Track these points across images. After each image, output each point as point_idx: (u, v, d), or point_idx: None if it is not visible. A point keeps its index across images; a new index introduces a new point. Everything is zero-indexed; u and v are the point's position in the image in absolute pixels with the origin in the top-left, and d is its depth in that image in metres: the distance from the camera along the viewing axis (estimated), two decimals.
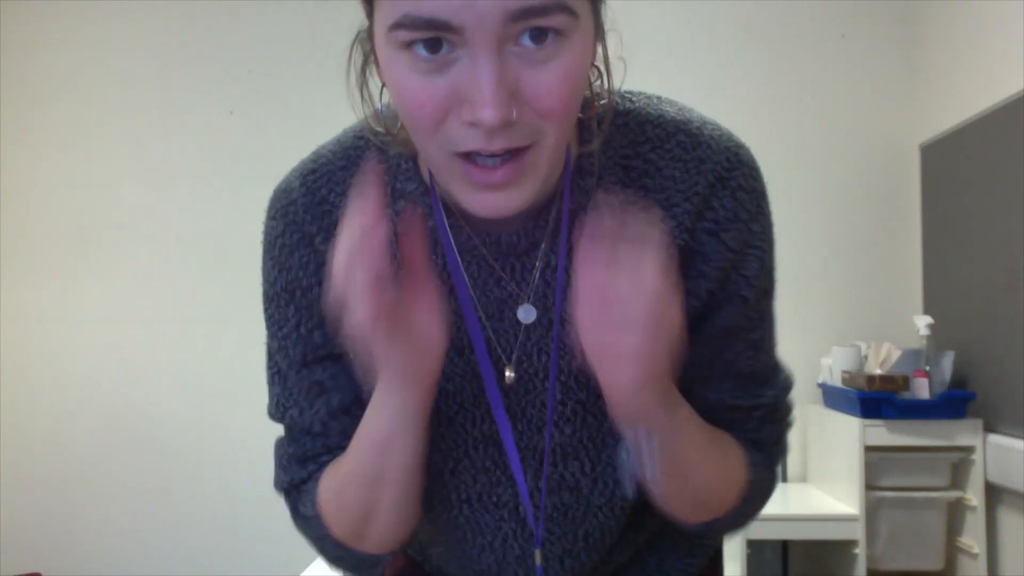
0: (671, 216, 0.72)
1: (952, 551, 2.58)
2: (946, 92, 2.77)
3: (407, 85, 0.60)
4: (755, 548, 2.56)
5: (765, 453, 0.80)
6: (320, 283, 0.75)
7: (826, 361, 2.79)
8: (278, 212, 0.77)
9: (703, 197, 0.72)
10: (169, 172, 3.10)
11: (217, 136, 3.08)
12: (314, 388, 0.77)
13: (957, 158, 2.68)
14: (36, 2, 3.14)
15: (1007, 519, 2.42)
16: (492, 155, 0.60)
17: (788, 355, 0.82)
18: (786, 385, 0.81)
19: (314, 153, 0.79)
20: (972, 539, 2.49)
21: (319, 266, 0.75)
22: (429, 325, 0.66)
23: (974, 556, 2.48)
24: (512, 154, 0.61)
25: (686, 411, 0.73)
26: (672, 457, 0.69)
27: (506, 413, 0.74)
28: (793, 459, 2.94)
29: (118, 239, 3.09)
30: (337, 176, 0.76)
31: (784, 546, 2.91)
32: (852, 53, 3.00)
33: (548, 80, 0.59)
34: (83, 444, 3.05)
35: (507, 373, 0.73)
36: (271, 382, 0.80)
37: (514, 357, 0.74)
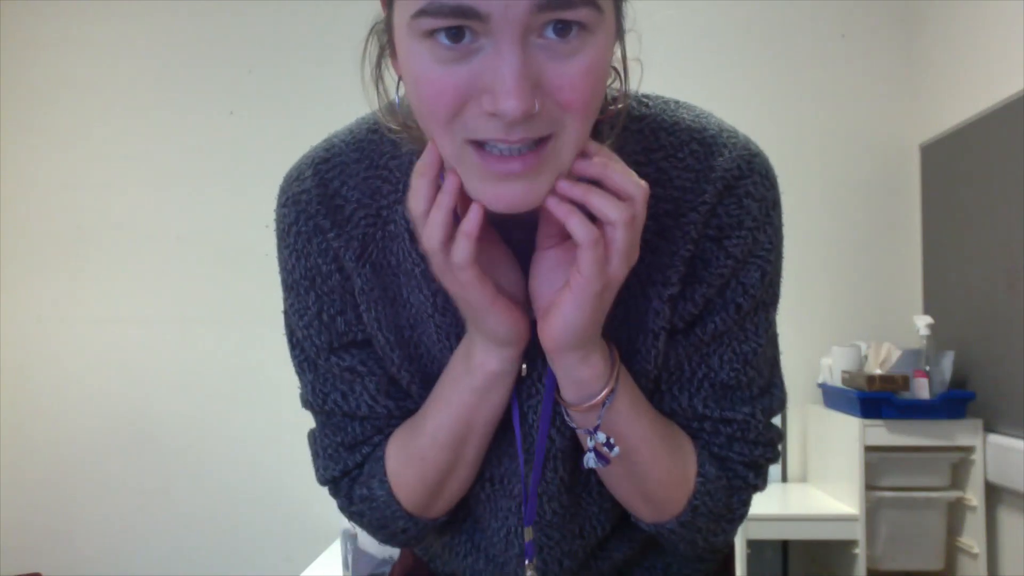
0: (678, 227, 0.71)
1: (952, 551, 2.58)
2: (946, 92, 2.77)
3: (427, 75, 0.59)
4: (755, 548, 2.56)
5: (729, 472, 0.77)
6: (339, 271, 0.75)
7: (826, 361, 2.79)
8: (289, 200, 0.76)
9: (710, 206, 0.71)
10: (169, 172, 3.10)
11: (217, 136, 3.08)
12: (346, 373, 0.77)
13: (957, 158, 2.68)
14: (36, 2, 3.13)
15: (1007, 519, 2.42)
16: (510, 144, 0.59)
17: (788, 355, 0.81)
18: (769, 407, 0.77)
19: (326, 141, 0.78)
20: (972, 539, 2.49)
21: (336, 255, 0.75)
22: (514, 281, 0.69)
23: (974, 556, 2.48)
24: (531, 144, 0.60)
25: (637, 394, 0.73)
26: (615, 432, 0.70)
27: (518, 405, 0.74)
28: (793, 459, 2.94)
29: (118, 239, 3.09)
30: (350, 169, 0.75)
31: (784, 546, 2.91)
32: (852, 53, 3.00)
33: (571, 74, 0.58)
34: (83, 444, 3.05)
35: (522, 364, 0.73)
36: (300, 370, 0.80)
37: (525, 351, 0.73)
